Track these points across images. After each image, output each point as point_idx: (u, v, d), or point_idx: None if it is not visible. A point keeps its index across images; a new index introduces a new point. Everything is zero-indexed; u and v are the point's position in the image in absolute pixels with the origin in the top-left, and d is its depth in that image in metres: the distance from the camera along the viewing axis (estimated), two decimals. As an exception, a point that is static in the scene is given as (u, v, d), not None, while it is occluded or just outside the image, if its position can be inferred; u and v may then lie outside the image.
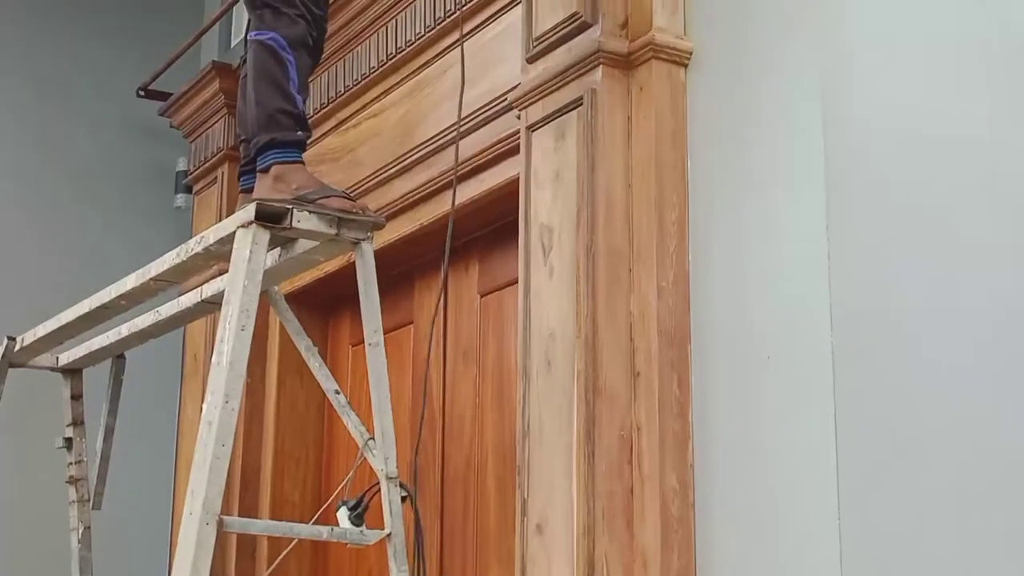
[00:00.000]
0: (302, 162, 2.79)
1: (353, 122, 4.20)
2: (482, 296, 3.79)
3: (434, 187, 3.72)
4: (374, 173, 3.98)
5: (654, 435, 2.66)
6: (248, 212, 2.61)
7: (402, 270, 4.08)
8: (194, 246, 2.82)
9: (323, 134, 4.28)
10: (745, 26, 2.71)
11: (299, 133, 2.78)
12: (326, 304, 4.48)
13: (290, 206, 2.63)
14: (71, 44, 5.48)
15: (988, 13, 2.78)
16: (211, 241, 2.74)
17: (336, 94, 4.24)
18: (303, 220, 2.64)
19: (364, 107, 4.14)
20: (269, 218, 2.61)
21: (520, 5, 3.19)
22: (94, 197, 5.42)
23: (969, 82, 2.70)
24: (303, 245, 2.76)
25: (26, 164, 5.35)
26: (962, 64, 2.70)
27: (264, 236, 2.60)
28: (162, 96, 5.20)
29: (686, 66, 2.84)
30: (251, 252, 2.57)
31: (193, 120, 5.00)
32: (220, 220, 4.62)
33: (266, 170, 2.78)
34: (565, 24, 2.95)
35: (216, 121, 4.86)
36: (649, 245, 2.75)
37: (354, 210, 2.72)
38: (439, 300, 3.59)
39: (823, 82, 2.52)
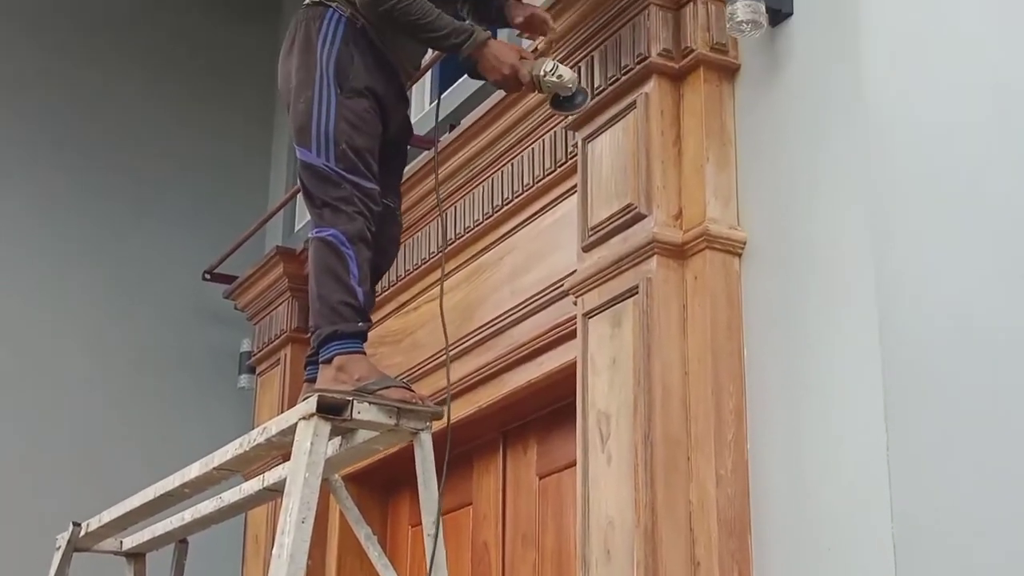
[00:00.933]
0: (363, 352, 2.84)
1: (413, 305, 4.27)
2: (540, 478, 3.79)
3: (492, 370, 3.76)
4: (433, 356, 4.03)
5: (716, 628, 2.62)
6: (309, 404, 2.66)
7: (461, 451, 4.09)
8: (257, 436, 2.86)
9: (384, 316, 4.36)
10: (799, 217, 2.76)
11: (360, 324, 2.84)
12: (386, 485, 4.50)
13: (351, 397, 2.68)
14: (142, 229, 5.66)
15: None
16: (273, 432, 2.79)
17: (397, 278, 4.33)
18: (363, 411, 2.69)
19: (424, 291, 4.22)
20: (330, 410, 2.66)
21: (575, 194, 3.27)
22: (160, 377, 5.52)
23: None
24: (363, 435, 2.80)
25: (97, 345, 5.47)
26: (1019, 254, 2.72)
27: (325, 428, 2.64)
28: (227, 279, 5.33)
29: (740, 255, 2.88)
30: (312, 444, 2.61)
31: (257, 303, 5.12)
32: (282, 401, 4.70)
33: (328, 361, 2.83)
34: (620, 215, 3.02)
35: (280, 304, 4.97)
36: (707, 433, 2.75)
37: (413, 400, 2.76)
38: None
39: (878, 275, 2.54)
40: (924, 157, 2.69)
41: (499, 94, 3.70)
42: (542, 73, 2.88)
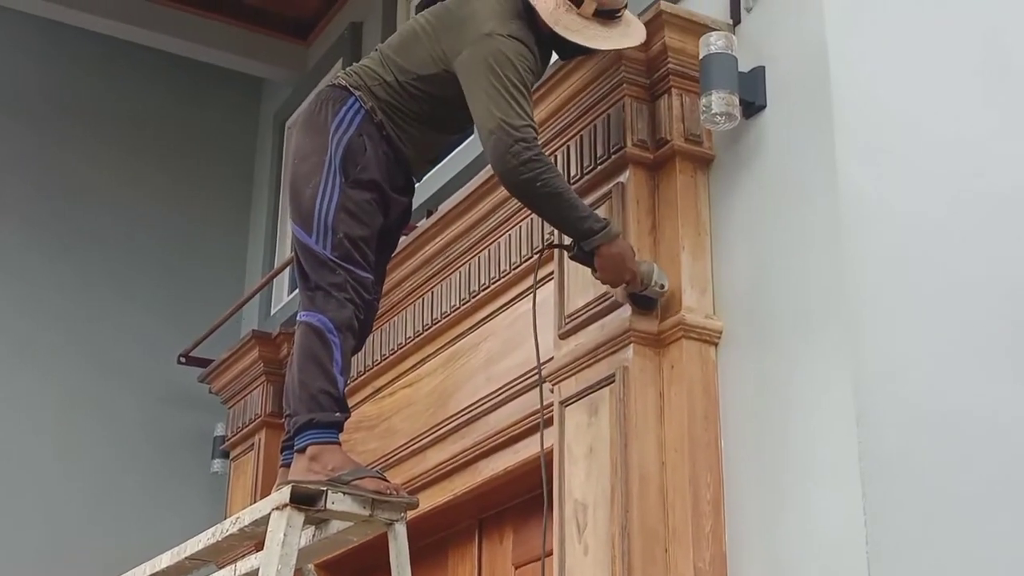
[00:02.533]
0: (338, 443, 2.81)
1: (389, 390, 4.25)
2: (516, 568, 3.75)
3: (468, 457, 3.73)
4: (408, 442, 4.00)
5: None
6: (283, 494, 2.63)
7: (436, 539, 4.06)
8: (229, 526, 2.83)
9: (359, 402, 4.33)
10: (774, 307, 2.77)
11: (337, 415, 2.81)
12: (359, 573, 4.43)
13: (325, 488, 2.66)
14: (118, 312, 5.63)
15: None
16: (246, 522, 2.76)
17: (373, 363, 4.31)
18: (337, 502, 2.67)
19: (400, 376, 4.20)
20: (304, 500, 2.64)
21: (552, 281, 3.28)
22: (133, 461, 5.47)
23: (1005, 364, 2.72)
24: (337, 525, 2.77)
25: (70, 427, 5.42)
26: (996, 343, 2.73)
27: (299, 519, 2.62)
28: (202, 362, 5.29)
29: (716, 344, 2.88)
30: (285, 535, 2.58)
31: (232, 387, 5.08)
32: (256, 486, 4.65)
33: (303, 450, 2.80)
34: (596, 303, 3.03)
35: (254, 388, 4.94)
36: (684, 525, 2.73)
37: (388, 491, 2.73)
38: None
39: (854, 364, 2.55)
40: (897, 246, 2.72)
41: (477, 181, 3.72)
42: (653, 283, 2.84)
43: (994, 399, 2.68)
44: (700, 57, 2.93)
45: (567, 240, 2.92)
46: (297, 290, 3.05)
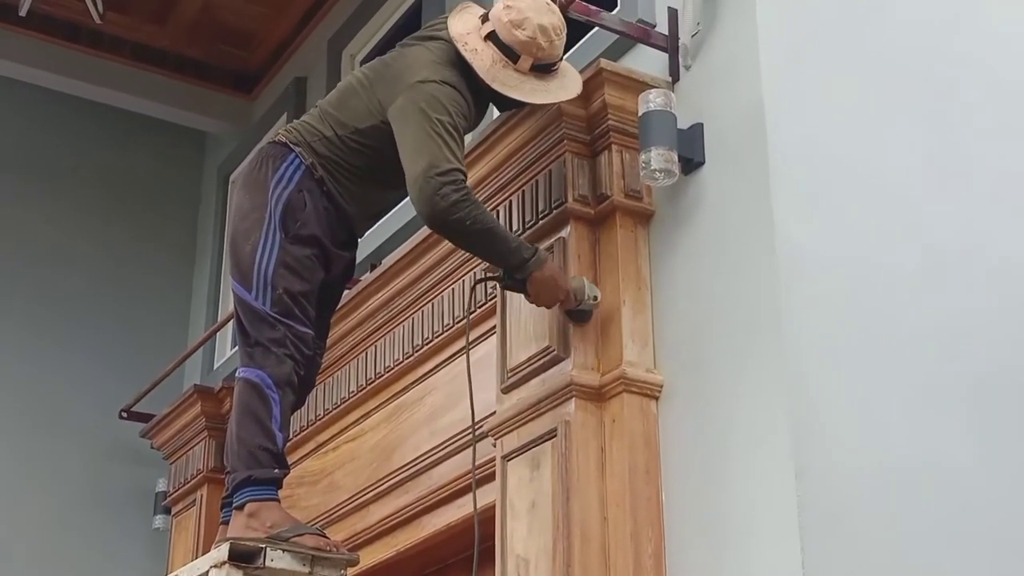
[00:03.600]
0: (277, 500, 2.80)
1: (332, 445, 4.23)
2: (460, 624, 3.73)
3: (411, 512, 3.71)
4: (351, 497, 3.98)
5: None
6: (221, 552, 2.62)
7: (380, 596, 4.02)
8: (166, 585, 2.80)
9: (302, 456, 4.30)
10: (713, 361, 2.79)
11: (276, 471, 2.80)
12: (302, 630, 4.38)
13: (263, 545, 2.64)
14: (59, 365, 5.56)
15: (970, 344, 2.85)
16: (184, 581, 2.73)
17: (316, 417, 4.29)
18: (276, 559, 2.66)
19: (343, 430, 4.18)
20: (242, 557, 2.62)
21: (495, 335, 3.28)
22: (73, 516, 5.38)
23: (944, 418, 2.74)
24: (276, 583, 2.74)
25: (8, 481, 5.33)
26: (935, 397, 2.76)
27: (237, 577, 2.60)
28: (144, 417, 5.23)
29: (657, 399, 2.90)
30: (223, 594, 2.56)
31: (174, 442, 5.03)
32: (197, 543, 4.59)
33: (241, 507, 2.79)
34: (538, 357, 3.03)
35: (197, 443, 4.89)
36: (626, 579, 2.73)
37: (328, 548, 2.72)
38: None
39: (793, 418, 2.57)
40: (835, 299, 2.75)
41: (421, 235, 3.72)
42: (586, 297, 2.90)
43: (934, 452, 2.70)
44: (639, 114, 2.96)
45: (496, 272, 2.95)
46: (239, 345, 3.04)
